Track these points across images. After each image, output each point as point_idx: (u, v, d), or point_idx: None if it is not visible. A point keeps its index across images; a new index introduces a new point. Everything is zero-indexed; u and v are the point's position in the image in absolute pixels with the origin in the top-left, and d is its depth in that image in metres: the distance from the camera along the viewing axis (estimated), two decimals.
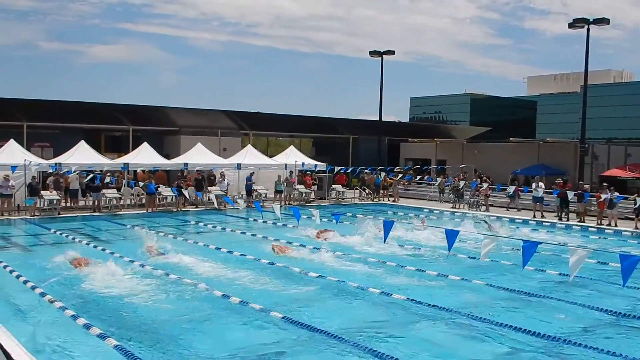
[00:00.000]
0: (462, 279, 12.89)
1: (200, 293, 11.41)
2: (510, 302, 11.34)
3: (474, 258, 15.05)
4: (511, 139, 38.52)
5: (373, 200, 32.00)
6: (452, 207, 28.70)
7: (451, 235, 10.86)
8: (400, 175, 32.35)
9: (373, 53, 39.36)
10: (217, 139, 36.51)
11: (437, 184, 32.47)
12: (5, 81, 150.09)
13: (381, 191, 32.67)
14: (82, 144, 26.97)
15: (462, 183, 28.21)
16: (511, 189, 27.15)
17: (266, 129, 42.40)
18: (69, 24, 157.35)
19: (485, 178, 31.18)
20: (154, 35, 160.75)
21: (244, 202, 22.33)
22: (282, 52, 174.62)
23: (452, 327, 9.66)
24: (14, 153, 24.52)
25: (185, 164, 28.14)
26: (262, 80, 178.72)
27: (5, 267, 13.53)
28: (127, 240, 18.41)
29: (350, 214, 24.31)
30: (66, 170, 24.44)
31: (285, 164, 30.82)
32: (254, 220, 23.41)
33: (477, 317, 9.94)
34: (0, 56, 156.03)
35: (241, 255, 15.26)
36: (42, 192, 23.99)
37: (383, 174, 30.72)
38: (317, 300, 11.28)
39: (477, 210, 27.39)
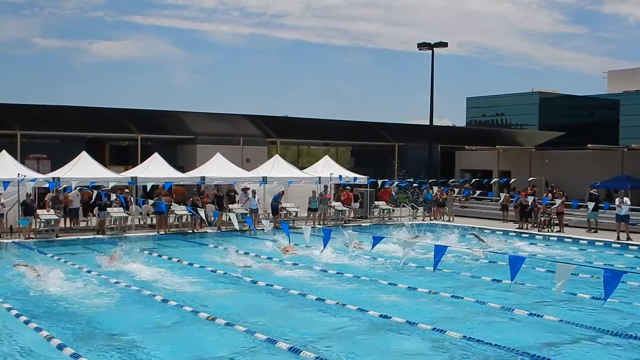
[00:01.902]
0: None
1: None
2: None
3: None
4: (589, 145, 37.92)
5: (423, 220, 31.83)
6: (519, 228, 28.38)
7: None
8: (456, 190, 32.17)
9: (422, 45, 39.30)
10: (240, 148, 36.83)
11: (500, 201, 32.16)
12: None
13: (433, 209, 32.48)
14: (84, 155, 27.42)
15: (530, 199, 27.88)
16: (624, 208, 24.91)
17: (296, 136, 42.61)
18: (68, 17, 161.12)
19: (558, 192, 30.74)
20: (166, 29, 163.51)
21: (270, 222, 22.43)
22: (315, 46, 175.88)
23: None
24: (6, 166, 25.03)
25: (202, 178, 28.38)
26: (291, 80, 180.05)
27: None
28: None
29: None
30: (65, 186, 24.88)
31: (319, 177, 30.85)
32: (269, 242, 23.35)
33: None
34: None
35: None
36: (39, 211, 24.45)
37: (435, 188, 30.54)
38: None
39: (549, 231, 27.01)
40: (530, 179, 35.69)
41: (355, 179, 32.37)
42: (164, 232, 25.67)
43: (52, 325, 11.79)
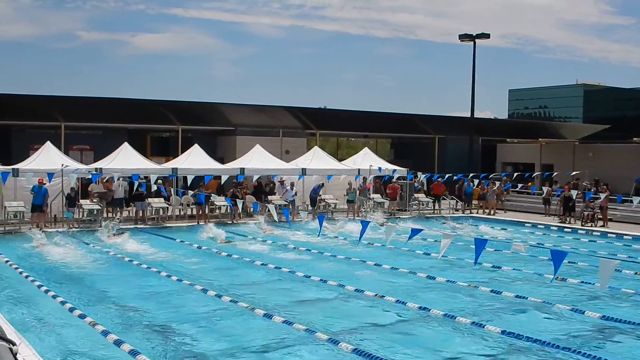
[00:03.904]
0: None
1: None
2: None
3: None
4: (635, 138, 37.28)
5: (464, 213, 31.62)
6: (561, 222, 28.04)
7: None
8: (498, 184, 31.86)
9: (463, 37, 38.91)
10: (279, 139, 36.96)
11: (542, 194, 31.75)
12: (41, 77, 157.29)
13: (474, 202, 32.23)
14: (126, 146, 27.85)
15: (573, 193, 27.51)
16: None
17: (336, 127, 42.58)
18: (111, 10, 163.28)
19: (602, 186, 30.25)
20: (207, 21, 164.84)
21: (308, 213, 22.51)
22: (355, 37, 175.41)
23: None
24: (50, 157, 25.57)
25: (242, 169, 28.55)
26: (331, 72, 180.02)
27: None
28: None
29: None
30: (109, 176, 25.32)
31: (359, 169, 30.83)
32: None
33: None
34: (36, 49, 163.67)
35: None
36: (82, 201, 24.90)
37: (476, 181, 30.31)
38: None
39: (592, 225, 26.65)
40: (574, 172, 35.17)
41: (394, 171, 32.25)
42: (203, 223, 25.92)
43: None
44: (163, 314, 12.18)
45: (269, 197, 27.97)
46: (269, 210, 21.44)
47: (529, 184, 35.67)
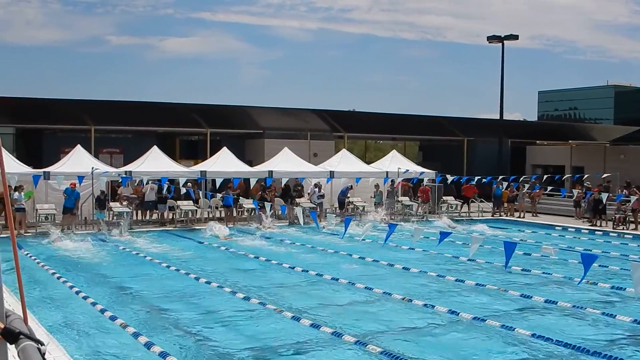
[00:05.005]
0: None
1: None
2: None
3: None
4: None
5: (493, 215, 31.41)
6: (592, 225, 27.73)
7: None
8: (527, 186, 31.60)
9: (492, 38, 38.70)
10: (307, 142, 37.04)
11: (573, 197, 31.42)
12: (72, 81, 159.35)
13: (504, 205, 31.99)
14: (155, 149, 28.10)
15: (604, 195, 27.18)
16: None
17: (364, 130, 42.58)
18: (139, 15, 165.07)
19: (634, 189, 29.83)
20: (234, 25, 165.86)
21: (336, 216, 22.52)
22: (382, 40, 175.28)
23: None
24: (81, 160, 25.90)
25: (270, 172, 28.64)
26: (358, 74, 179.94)
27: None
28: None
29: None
30: (139, 179, 25.61)
31: (387, 172, 30.77)
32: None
33: None
34: (66, 53, 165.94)
35: None
36: (111, 204, 25.18)
37: (505, 184, 30.06)
38: None
39: (624, 229, 26.32)
40: (605, 175, 34.74)
41: (421, 173, 32.13)
42: (232, 225, 26.03)
43: None
44: (189, 315, 12.29)
45: (297, 200, 28.02)
46: (297, 213, 21.49)
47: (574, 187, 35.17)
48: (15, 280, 2.99)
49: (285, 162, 29.86)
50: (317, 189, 28.37)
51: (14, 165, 23.88)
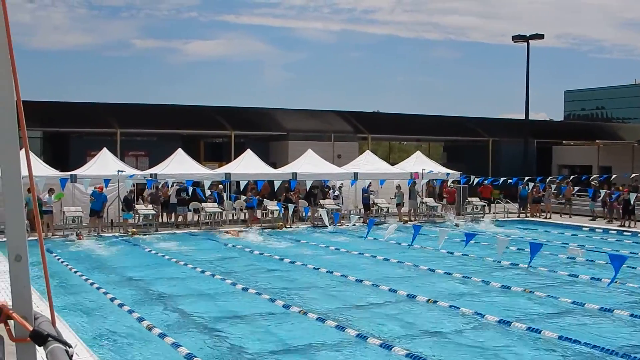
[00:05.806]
0: None
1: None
2: None
3: None
4: None
5: (519, 216, 31.18)
6: (620, 226, 27.41)
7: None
8: (554, 186, 31.33)
9: (517, 38, 38.47)
10: (331, 144, 37.06)
11: (600, 197, 31.08)
12: (97, 84, 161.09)
13: (529, 206, 31.74)
14: (180, 152, 28.29)
15: (632, 196, 26.87)
16: None
17: (388, 131, 42.51)
18: (164, 18, 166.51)
19: None
20: (258, 27, 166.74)
21: (359, 217, 22.50)
22: (406, 40, 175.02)
23: None
24: (107, 163, 26.16)
25: (294, 174, 28.70)
26: (382, 75, 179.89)
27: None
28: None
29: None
30: (164, 181, 25.82)
31: (411, 173, 30.68)
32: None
33: None
34: (92, 57, 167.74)
35: None
36: (137, 207, 25.41)
37: (531, 184, 29.87)
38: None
39: None
40: (633, 175, 34.34)
41: (447, 174, 31.98)
42: (257, 227, 26.09)
43: None
44: (214, 315, 12.37)
45: (321, 202, 28.07)
46: (321, 214, 21.48)
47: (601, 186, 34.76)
48: (44, 284, 3.02)
49: (309, 164, 29.89)
50: (331, 190, 28.57)
51: (41, 169, 24.16)
